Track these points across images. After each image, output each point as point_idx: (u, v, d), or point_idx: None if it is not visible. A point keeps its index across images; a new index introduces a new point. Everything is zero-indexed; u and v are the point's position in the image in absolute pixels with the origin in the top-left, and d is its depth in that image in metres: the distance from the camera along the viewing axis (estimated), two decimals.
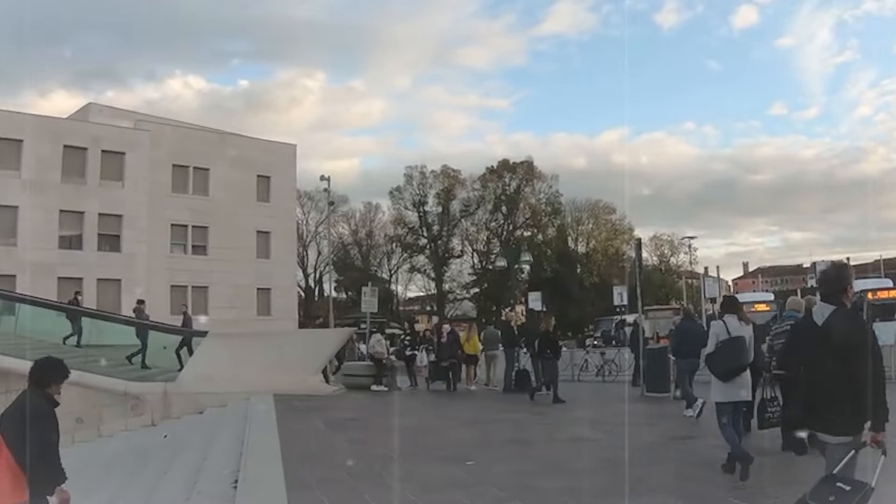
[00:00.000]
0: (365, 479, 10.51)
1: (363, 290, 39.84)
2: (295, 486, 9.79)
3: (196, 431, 17.33)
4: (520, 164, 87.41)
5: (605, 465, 11.05)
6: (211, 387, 21.43)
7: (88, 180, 43.85)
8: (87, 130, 45.19)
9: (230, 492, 10.09)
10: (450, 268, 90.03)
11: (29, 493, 6.53)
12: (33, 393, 7.05)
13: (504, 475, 10.45)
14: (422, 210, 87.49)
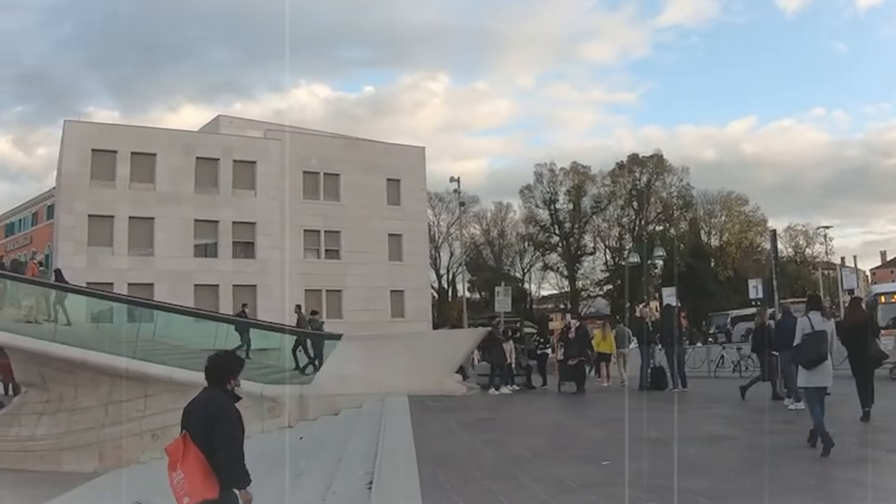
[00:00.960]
0: (499, 479, 10.37)
1: (496, 290, 39.72)
2: (429, 486, 9.71)
3: (331, 433, 17.41)
4: (649, 158, 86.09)
5: (744, 465, 10.76)
6: (346, 388, 21.56)
7: (221, 190, 44.89)
8: (218, 142, 46.39)
9: (365, 492, 10.14)
10: (582, 265, 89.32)
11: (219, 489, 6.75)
12: (215, 390, 7.32)
13: (639, 475, 10.12)
14: (553, 208, 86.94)
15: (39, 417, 25.26)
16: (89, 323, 28.84)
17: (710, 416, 16.72)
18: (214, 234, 44.42)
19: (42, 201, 58.46)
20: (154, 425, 22.96)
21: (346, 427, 17.36)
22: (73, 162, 42.31)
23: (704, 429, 14.83)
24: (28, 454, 24.34)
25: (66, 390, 25.08)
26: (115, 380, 24.08)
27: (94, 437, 23.47)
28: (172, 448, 6.81)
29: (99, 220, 41.86)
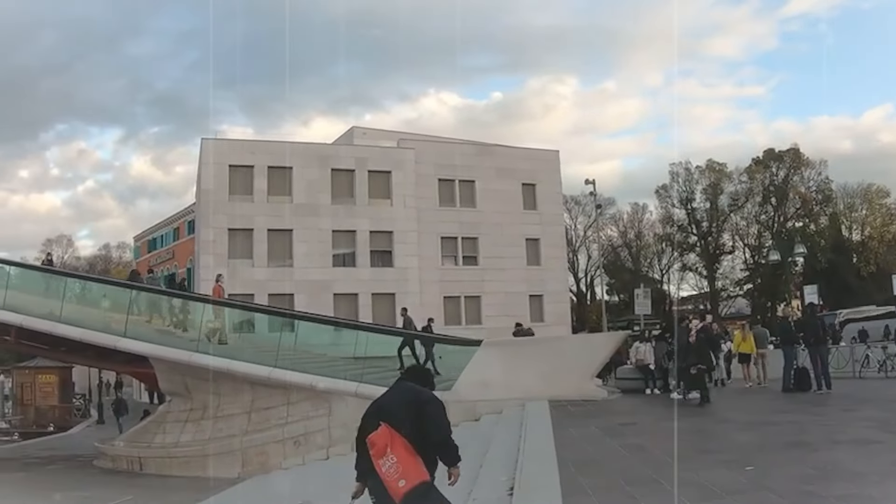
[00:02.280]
0: (641, 484, 10.08)
1: (636, 293, 39.06)
2: (571, 492, 9.53)
3: (472, 438, 17.05)
4: (785, 153, 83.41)
5: (892, 470, 10.16)
6: (487, 394, 21.33)
7: (357, 200, 45.22)
8: (353, 153, 46.82)
9: (506, 498, 9.92)
10: (721, 264, 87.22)
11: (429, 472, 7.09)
12: (409, 382, 7.67)
13: (784, 480, 9.79)
14: (689, 207, 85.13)
15: (184, 425, 25.87)
16: (231, 333, 29.20)
17: (855, 419, 15.98)
18: (352, 244, 44.76)
19: (182, 217, 60.04)
20: (296, 432, 23.29)
21: (486, 433, 17.09)
22: (212, 178, 43.32)
23: (850, 432, 14.15)
24: (173, 460, 25.06)
25: (210, 399, 25.56)
26: (258, 388, 24.50)
27: (237, 444, 23.92)
28: (377, 437, 6.97)
29: (238, 233, 42.81)
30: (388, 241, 45.49)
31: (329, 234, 44.19)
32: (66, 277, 31.98)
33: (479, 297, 46.69)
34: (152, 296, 31.75)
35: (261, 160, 43.82)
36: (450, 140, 53.41)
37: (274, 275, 42.01)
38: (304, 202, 43.92)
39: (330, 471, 20.37)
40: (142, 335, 26.72)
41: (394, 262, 45.30)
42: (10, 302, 28.33)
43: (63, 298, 28.99)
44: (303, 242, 43.42)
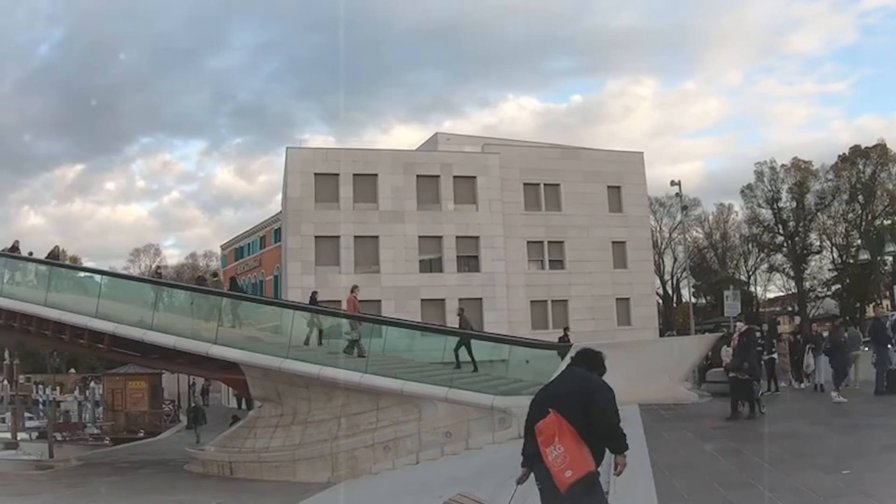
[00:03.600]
0: (737, 489, 10.04)
1: (725, 294, 38.46)
2: (666, 496, 9.49)
3: None
4: (872, 149, 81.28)
5: None
6: None
7: (443, 206, 45.20)
8: (437, 159, 46.85)
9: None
10: (809, 265, 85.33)
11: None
12: (579, 368, 7.67)
13: (882, 484, 9.68)
14: (775, 206, 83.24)
15: (274, 430, 26.15)
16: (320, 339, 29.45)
17: None
18: (438, 250, 44.79)
19: (269, 225, 60.65)
20: (386, 437, 23.33)
21: None
22: (298, 186, 43.75)
23: None
24: (263, 465, 25.36)
25: (301, 404, 25.94)
26: (349, 393, 24.60)
27: (327, 449, 24.06)
28: (545, 424, 7.03)
29: (325, 240, 43.08)
30: (475, 245, 45.41)
31: (415, 239, 44.25)
32: (156, 286, 32.42)
33: (566, 301, 46.32)
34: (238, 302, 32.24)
35: (346, 168, 44.14)
36: (534, 144, 53.30)
37: (361, 281, 42.00)
38: (390, 209, 44.10)
39: (420, 476, 20.43)
40: (232, 342, 27.10)
41: (480, 266, 45.17)
42: (102, 311, 29.02)
43: (154, 307, 29.57)
44: (389, 249, 43.58)
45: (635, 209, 50.04)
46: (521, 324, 42.39)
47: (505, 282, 44.96)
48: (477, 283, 44.51)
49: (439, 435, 22.72)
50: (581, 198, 47.71)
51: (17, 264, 34.07)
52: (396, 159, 45.96)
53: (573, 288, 46.43)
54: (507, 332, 34.78)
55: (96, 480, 28.76)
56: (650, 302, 51.83)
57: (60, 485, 27.98)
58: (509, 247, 45.73)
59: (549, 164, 47.97)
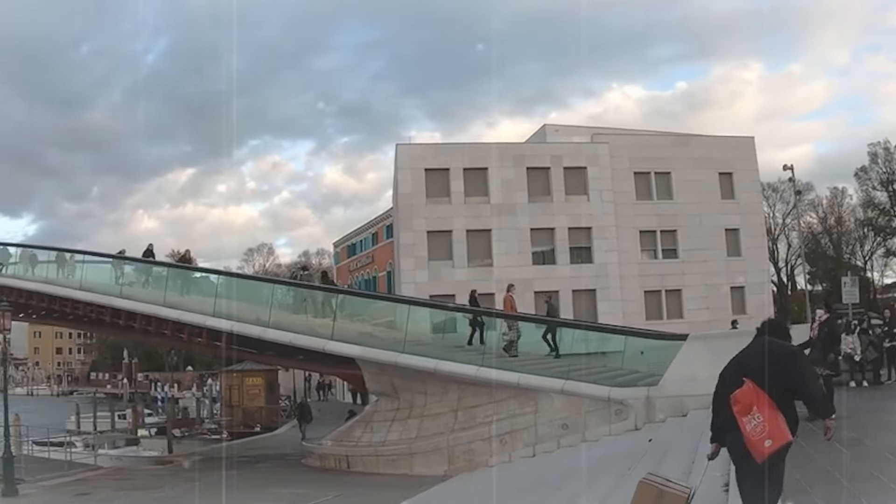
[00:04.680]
0: (860, 480, 9.67)
1: (843, 280, 37.55)
2: (788, 488, 9.18)
3: (681, 434, 16.92)
4: None
5: None
6: (693, 389, 20.97)
7: (554, 197, 45.09)
8: (547, 150, 46.63)
9: (721, 495, 9.81)
10: None
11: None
12: (770, 337, 7.57)
13: None
14: (891, 189, 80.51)
15: (391, 424, 26.41)
16: (434, 333, 29.69)
17: None
18: (551, 241, 44.69)
19: (380, 222, 61.08)
20: (502, 430, 23.42)
21: (695, 428, 16.78)
22: (409, 182, 44.14)
23: None
24: (380, 458, 25.64)
25: (417, 398, 26.13)
26: (464, 387, 24.78)
27: (443, 442, 24.27)
28: (742, 394, 7.00)
29: (437, 235, 43.45)
30: (587, 236, 45.18)
31: (527, 232, 44.20)
32: (273, 284, 33.05)
33: (680, 291, 45.86)
34: (354, 298, 32.77)
35: (456, 162, 44.35)
36: (643, 132, 52.74)
37: (474, 275, 42.32)
38: (501, 202, 44.14)
39: (536, 468, 20.53)
40: (348, 337, 27.52)
41: (593, 257, 44.93)
42: (219, 310, 29.74)
43: (271, 304, 30.23)
44: (501, 242, 43.62)
45: (748, 195, 49.12)
46: (635, 314, 42.06)
47: (618, 272, 44.65)
48: (590, 275, 44.19)
49: (556, 427, 22.76)
50: (692, 185, 47.01)
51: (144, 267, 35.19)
52: (506, 152, 45.90)
53: (687, 277, 45.89)
54: (621, 323, 34.55)
55: (215, 475, 29.48)
56: (765, 290, 50.85)
57: (180, 479, 28.83)
58: (621, 237, 45.38)
59: (658, 152, 47.38)
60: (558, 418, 22.78)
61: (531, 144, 49.94)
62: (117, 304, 32.25)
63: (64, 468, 30.93)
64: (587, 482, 14.24)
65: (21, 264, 37.79)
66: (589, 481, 14.25)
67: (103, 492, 25.99)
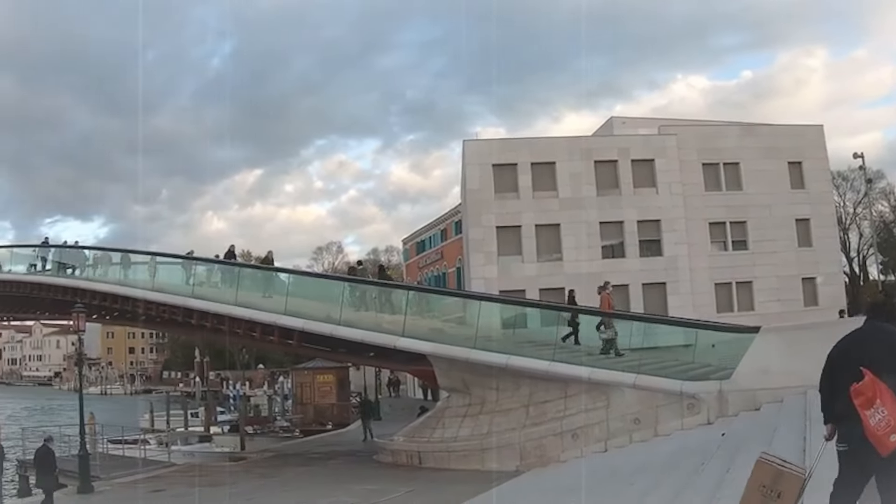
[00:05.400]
0: None
1: None
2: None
3: (755, 428, 16.90)
4: None
5: None
6: (766, 382, 20.97)
7: (622, 190, 44.96)
8: (614, 143, 46.47)
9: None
10: None
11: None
12: (877, 322, 7.49)
13: None
14: None
15: (462, 420, 26.52)
16: (504, 329, 29.81)
17: None
18: (620, 235, 44.54)
19: (448, 218, 61.24)
20: (574, 425, 23.47)
21: (768, 422, 16.79)
22: (477, 178, 44.32)
23: None
24: (451, 454, 25.69)
25: (489, 394, 26.22)
26: (536, 382, 24.87)
27: (515, 438, 24.30)
28: (864, 387, 6.81)
29: (506, 230, 43.53)
30: (656, 229, 44.91)
31: (596, 226, 44.08)
32: (342, 282, 33.37)
33: (751, 283, 45.27)
34: (424, 294, 33.02)
35: (524, 157, 44.42)
36: (710, 123, 52.26)
37: (543, 269, 42.51)
38: (570, 196, 44.10)
39: (609, 463, 20.57)
40: (419, 334, 27.80)
41: (662, 250, 44.72)
42: (290, 308, 30.18)
43: (341, 302, 30.57)
44: (571, 236, 43.58)
45: (818, 185, 48.42)
46: (706, 307, 41.74)
47: (688, 265, 44.32)
48: (660, 268, 44.01)
49: (628, 422, 22.76)
50: (761, 175, 46.43)
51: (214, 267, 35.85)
52: (573, 146, 45.82)
53: (757, 269, 45.33)
54: (692, 316, 34.37)
55: (288, 471, 29.97)
56: (837, 281, 50.19)
57: (253, 475, 29.38)
58: (691, 229, 44.98)
59: (726, 142, 46.95)
60: (630, 413, 22.79)
61: (598, 137, 49.75)
62: (190, 304, 32.86)
63: (138, 465, 31.53)
64: (660, 477, 14.29)
65: (94, 267, 38.70)
66: (662, 476, 14.31)
67: (177, 488, 26.48)
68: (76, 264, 39.67)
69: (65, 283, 38.41)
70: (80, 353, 33.63)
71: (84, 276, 38.41)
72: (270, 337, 31.77)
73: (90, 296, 36.09)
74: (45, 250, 42.36)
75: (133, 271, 36.94)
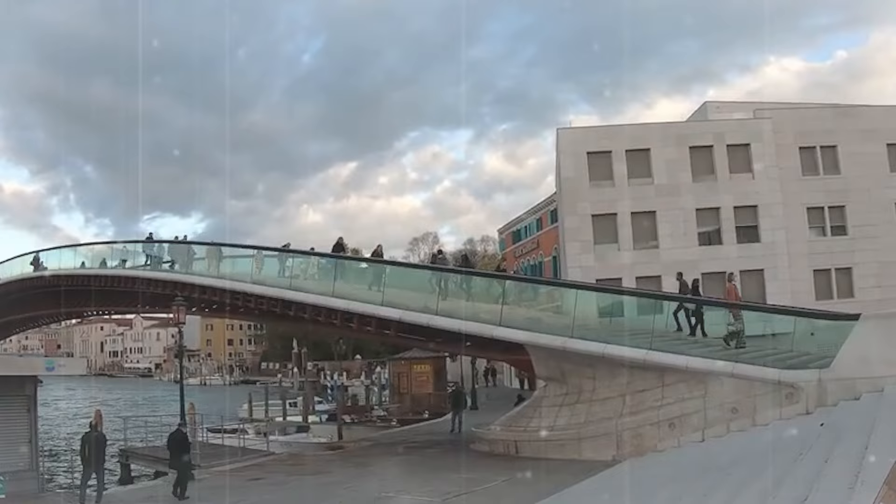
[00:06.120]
0: None
1: None
2: None
3: (853, 418, 16.87)
4: None
5: None
6: (867, 371, 20.84)
7: (718, 176, 44.53)
8: (709, 128, 46.01)
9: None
10: None
11: None
12: None
13: None
14: None
15: (559, 409, 26.65)
16: (601, 317, 29.89)
17: None
18: (716, 221, 44.17)
19: (544, 207, 61.01)
20: (671, 414, 23.55)
21: (868, 412, 16.73)
22: (572, 166, 44.43)
23: None
24: (548, 444, 25.84)
25: (586, 383, 26.32)
26: (633, 371, 24.92)
27: (612, 427, 24.45)
28: None
29: (602, 218, 43.58)
30: (753, 215, 44.37)
31: (692, 212, 43.82)
32: (437, 272, 33.66)
33: (850, 269, 44.40)
34: (521, 284, 33.23)
35: (618, 144, 44.35)
36: (806, 105, 51.29)
37: (640, 257, 42.48)
38: (665, 182, 43.93)
39: (706, 453, 20.61)
40: (515, 323, 27.98)
41: (760, 236, 44.21)
42: (387, 299, 30.72)
43: (438, 292, 30.96)
44: (667, 223, 43.42)
45: None
46: (804, 294, 41.12)
47: (786, 251, 43.69)
48: (757, 254, 43.46)
49: (725, 411, 22.75)
50: (860, 158, 45.37)
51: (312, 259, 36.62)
52: (667, 132, 45.59)
53: (857, 254, 44.44)
54: (790, 303, 34.00)
55: (384, 460, 30.32)
56: None
57: (350, 464, 29.87)
58: (788, 214, 44.31)
59: (823, 125, 45.99)
60: (728, 402, 22.77)
61: (693, 123, 49.35)
62: (288, 296, 33.52)
63: (237, 454, 32.30)
64: (758, 468, 14.37)
65: (193, 261, 40.01)
66: (759, 467, 14.39)
67: (276, 476, 27.16)
68: (175, 259, 40.77)
69: (165, 277, 39.84)
70: (180, 345, 34.85)
71: (183, 270, 39.65)
72: (367, 327, 32.27)
73: (189, 289, 37.30)
74: (148, 246, 43.51)
75: (232, 265, 37.90)
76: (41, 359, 32.84)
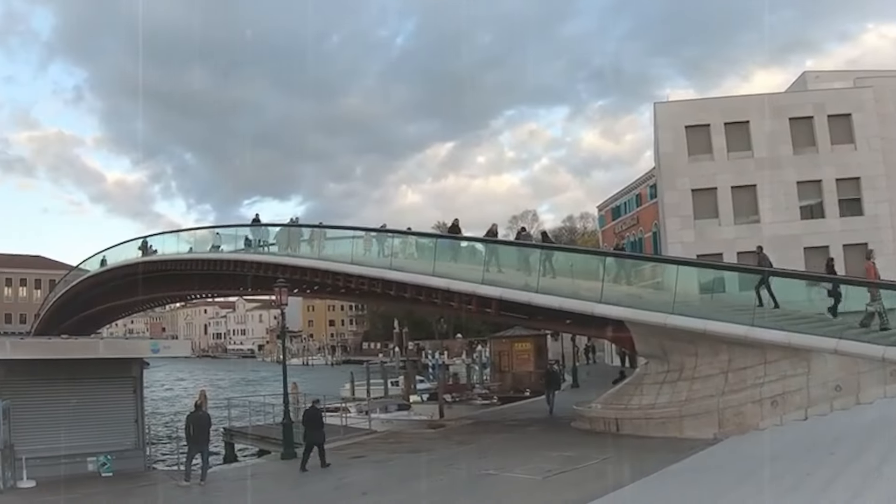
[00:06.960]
0: None
1: None
2: None
3: None
4: None
5: None
6: None
7: (819, 148, 43.69)
8: (808, 99, 45.20)
9: None
10: None
11: None
12: None
13: None
14: None
15: (661, 387, 26.61)
16: (702, 293, 29.74)
17: None
18: (818, 194, 43.38)
19: (643, 182, 60.76)
20: (773, 392, 23.34)
21: None
22: (670, 141, 44.20)
23: None
24: (649, 422, 25.82)
25: (687, 360, 26.20)
26: (735, 348, 24.75)
27: (713, 405, 24.32)
28: None
29: (701, 193, 43.27)
30: (856, 187, 43.40)
31: (793, 185, 43.11)
32: (541, 250, 33.67)
33: None
34: (620, 260, 33.18)
35: (716, 118, 43.96)
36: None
37: (741, 232, 41.95)
38: (765, 155, 43.28)
39: (809, 432, 20.45)
40: (616, 300, 27.85)
41: (863, 209, 43.22)
42: (488, 277, 30.88)
43: (539, 270, 30.93)
44: (767, 197, 42.79)
45: None
46: None
47: (890, 224, 42.66)
48: (861, 227, 42.41)
49: (829, 389, 22.50)
50: None
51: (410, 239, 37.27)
52: (766, 104, 44.60)
53: None
54: None
55: (485, 438, 30.62)
56: None
57: (452, 442, 30.26)
58: (893, 186, 43.26)
59: None
60: (831, 379, 22.51)
61: (792, 94, 48.36)
62: (389, 276, 33.76)
63: (340, 433, 32.57)
64: (862, 447, 14.33)
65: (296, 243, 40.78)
66: (863, 446, 14.35)
67: (378, 454, 27.63)
68: (276, 241, 41.53)
69: (268, 259, 40.49)
70: (282, 326, 35.45)
71: (284, 253, 40.35)
72: (468, 306, 32.26)
73: (290, 271, 37.95)
74: (250, 230, 44.24)
75: (333, 246, 38.48)
76: (146, 341, 33.69)
